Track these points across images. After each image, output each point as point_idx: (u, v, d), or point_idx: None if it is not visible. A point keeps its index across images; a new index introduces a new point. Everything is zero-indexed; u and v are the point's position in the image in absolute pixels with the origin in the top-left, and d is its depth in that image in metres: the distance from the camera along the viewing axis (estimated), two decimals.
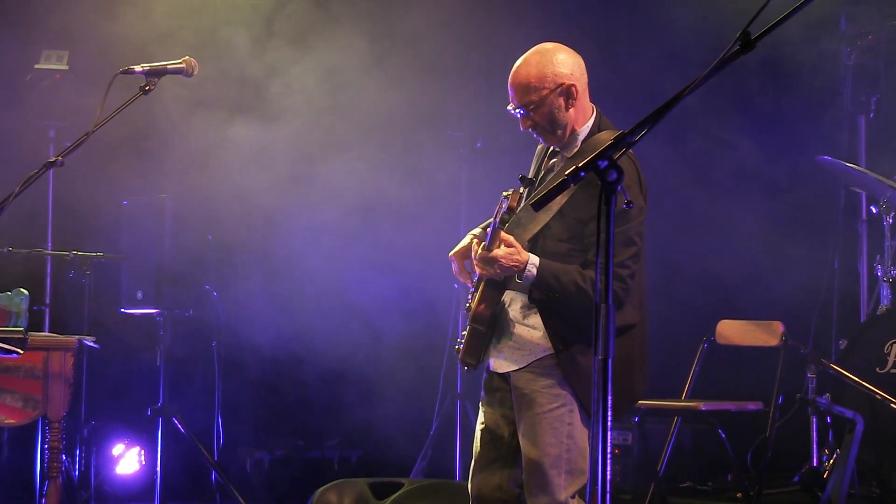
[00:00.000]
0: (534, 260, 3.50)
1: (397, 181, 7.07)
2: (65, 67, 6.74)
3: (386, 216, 7.13)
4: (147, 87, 4.00)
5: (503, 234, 3.54)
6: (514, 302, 3.63)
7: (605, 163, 2.53)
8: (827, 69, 6.86)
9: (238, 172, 6.87)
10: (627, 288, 3.49)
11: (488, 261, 3.53)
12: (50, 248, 6.73)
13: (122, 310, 6.47)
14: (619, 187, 2.54)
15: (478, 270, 3.61)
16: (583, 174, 2.55)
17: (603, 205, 2.55)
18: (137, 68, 4.01)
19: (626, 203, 2.61)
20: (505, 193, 3.61)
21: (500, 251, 3.51)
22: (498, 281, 3.62)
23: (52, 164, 3.93)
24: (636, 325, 3.59)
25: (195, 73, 4.10)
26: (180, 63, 4.08)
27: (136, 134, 6.71)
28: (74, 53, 6.80)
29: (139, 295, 6.35)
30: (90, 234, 6.72)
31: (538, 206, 2.70)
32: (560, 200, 3.51)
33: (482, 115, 7.02)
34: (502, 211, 3.60)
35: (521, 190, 3.65)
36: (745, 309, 6.57)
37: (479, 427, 3.76)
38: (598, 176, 2.53)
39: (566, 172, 2.57)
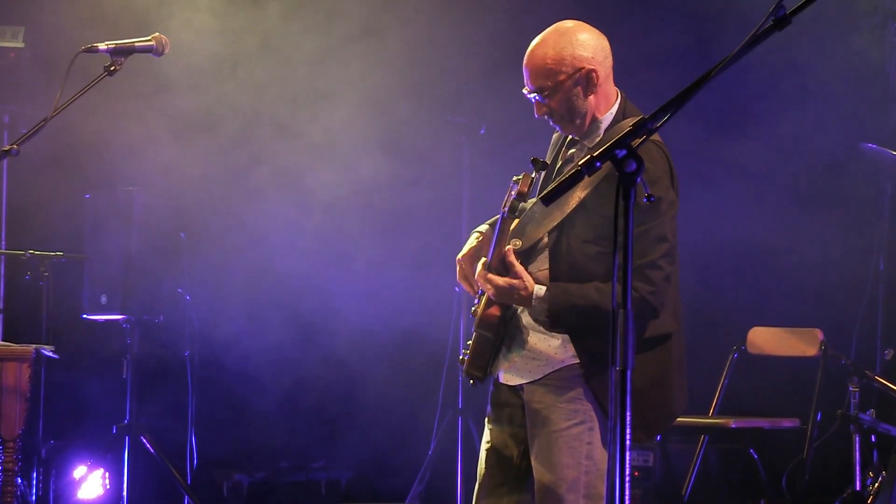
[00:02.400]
0: (540, 292, 3.49)
1: (391, 173, 7.07)
2: (21, 45, 6.74)
3: (378, 212, 7.13)
4: (112, 68, 4.01)
5: (511, 258, 3.52)
6: None
7: (623, 152, 2.54)
8: (871, 46, 6.86)
9: (214, 163, 6.88)
10: (658, 291, 3.45)
11: (486, 281, 3.55)
12: (3, 247, 6.74)
13: (85, 316, 6.48)
14: (638, 179, 2.55)
15: (480, 285, 3.61)
16: (598, 164, 2.55)
17: (621, 199, 2.55)
18: (102, 46, 4.02)
19: (646, 197, 2.61)
20: (515, 178, 3.58)
21: (500, 281, 3.52)
22: None
23: (6, 152, 3.93)
24: (673, 333, 3.58)
25: (166, 51, 4.11)
26: (149, 40, 4.09)
27: (101, 120, 6.71)
28: (31, 30, 6.80)
29: (103, 299, 6.36)
30: (49, 232, 6.73)
31: (549, 200, 2.70)
32: (580, 194, 3.49)
33: (486, 99, 7.02)
34: (511, 198, 3.57)
35: (533, 174, 3.61)
36: (779, 315, 6.57)
37: (484, 447, 3.75)
38: (615, 166, 2.54)
39: (580, 162, 2.58)
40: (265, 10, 6.93)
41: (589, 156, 2.56)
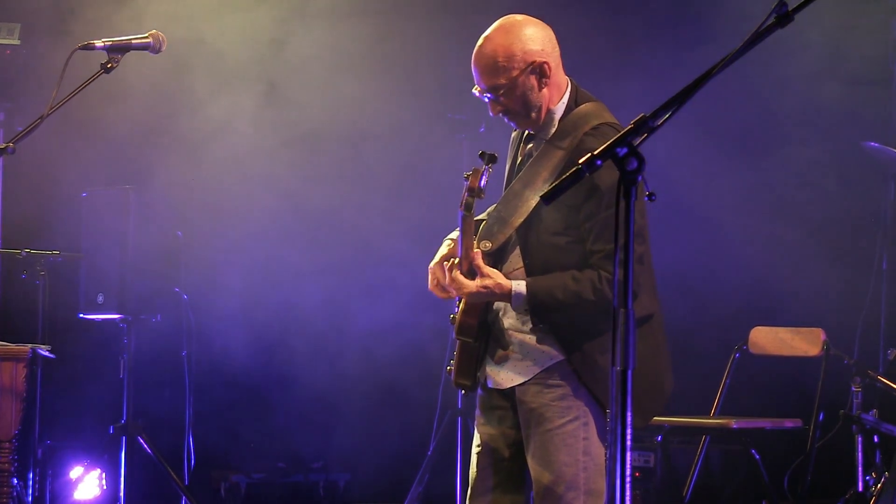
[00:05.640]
0: (518, 287, 3.50)
1: (389, 171, 7.07)
2: (16, 42, 6.74)
3: (377, 211, 7.13)
4: (109, 65, 4.01)
5: (477, 262, 3.51)
6: (508, 308, 3.62)
7: (624, 150, 2.54)
8: (873, 43, 6.85)
9: (211, 162, 6.87)
10: (634, 274, 3.46)
11: (459, 285, 3.54)
12: None
13: (81, 315, 6.47)
14: (639, 177, 2.55)
15: (453, 293, 3.61)
16: (599, 162, 2.55)
17: (622, 197, 2.55)
18: (98, 43, 4.02)
19: (647, 196, 2.61)
20: (466, 174, 3.58)
21: (472, 285, 3.51)
22: None
23: (2, 150, 3.93)
24: (655, 314, 3.59)
25: (163, 48, 4.11)
26: (146, 37, 4.09)
27: (97, 117, 6.71)
28: (27, 27, 6.80)
29: (100, 298, 6.36)
30: (45, 230, 6.72)
31: (549, 199, 2.69)
32: (543, 187, 3.50)
33: None
34: (465, 196, 3.56)
35: (483, 168, 3.59)
36: (781, 314, 6.57)
37: (475, 449, 3.75)
38: (617, 165, 2.54)
39: (580, 161, 2.58)
40: (267, 6, 6.93)
41: (590, 154, 2.56)
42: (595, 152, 2.55)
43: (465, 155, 7.09)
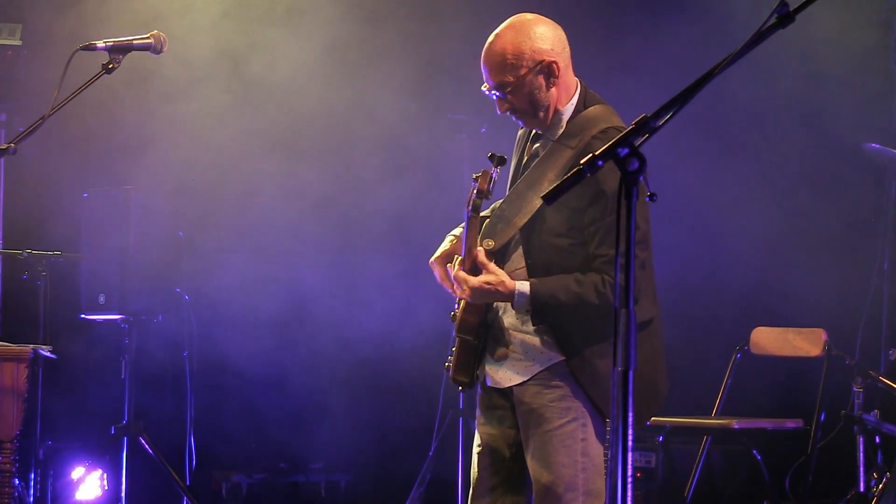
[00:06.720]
0: (522, 287, 3.49)
1: (390, 172, 7.07)
2: (18, 43, 6.75)
3: (378, 212, 7.13)
4: (110, 65, 4.02)
5: (482, 259, 3.51)
6: (508, 307, 3.62)
7: (626, 150, 2.54)
8: (874, 44, 6.85)
9: (212, 162, 6.87)
10: (635, 279, 3.45)
11: (462, 282, 3.54)
12: (0, 247, 6.73)
13: (83, 315, 6.47)
14: (641, 178, 2.55)
15: (456, 292, 3.61)
16: (600, 163, 2.55)
17: (623, 198, 2.55)
18: (99, 44, 4.03)
19: (648, 196, 2.61)
20: (475, 175, 3.59)
21: (475, 281, 3.51)
22: None
23: (3, 151, 3.94)
24: (654, 318, 3.60)
25: (165, 49, 4.12)
26: (147, 38, 4.10)
27: (98, 118, 6.71)
28: (29, 27, 6.80)
29: (101, 299, 6.36)
30: (46, 231, 6.73)
31: (550, 199, 2.69)
32: (548, 188, 3.51)
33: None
34: (473, 197, 3.57)
35: (492, 170, 3.60)
36: (782, 315, 6.57)
37: (476, 450, 3.76)
38: (618, 165, 2.54)
39: (581, 161, 2.58)
40: (266, 8, 6.93)
41: (591, 154, 2.56)
42: (596, 153, 2.55)
43: (466, 155, 7.09)
